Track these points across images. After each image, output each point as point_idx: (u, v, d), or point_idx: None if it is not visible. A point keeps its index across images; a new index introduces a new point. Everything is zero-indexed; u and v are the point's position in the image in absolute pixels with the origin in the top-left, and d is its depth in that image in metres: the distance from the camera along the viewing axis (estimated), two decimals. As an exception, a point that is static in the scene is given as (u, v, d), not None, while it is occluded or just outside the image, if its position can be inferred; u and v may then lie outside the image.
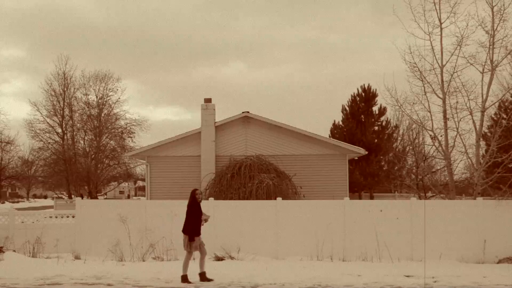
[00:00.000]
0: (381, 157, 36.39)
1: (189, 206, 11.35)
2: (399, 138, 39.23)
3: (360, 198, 33.82)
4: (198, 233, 11.16)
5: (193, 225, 11.12)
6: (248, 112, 22.17)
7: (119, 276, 11.53)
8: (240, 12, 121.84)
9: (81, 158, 49.82)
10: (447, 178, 19.74)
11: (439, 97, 18.71)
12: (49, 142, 51.52)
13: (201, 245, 11.23)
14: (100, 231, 15.40)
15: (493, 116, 24.76)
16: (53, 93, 51.20)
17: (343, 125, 37.22)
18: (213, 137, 21.86)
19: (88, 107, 50.78)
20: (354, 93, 37.70)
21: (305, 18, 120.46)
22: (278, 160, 21.22)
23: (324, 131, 46.76)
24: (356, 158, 27.25)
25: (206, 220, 11.44)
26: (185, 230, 11.22)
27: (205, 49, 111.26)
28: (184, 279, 11.01)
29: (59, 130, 51.50)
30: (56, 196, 60.15)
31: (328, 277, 11.52)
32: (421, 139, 28.18)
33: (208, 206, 15.82)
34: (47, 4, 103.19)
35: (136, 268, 12.68)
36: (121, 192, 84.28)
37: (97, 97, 51.04)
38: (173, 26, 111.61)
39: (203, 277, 11.15)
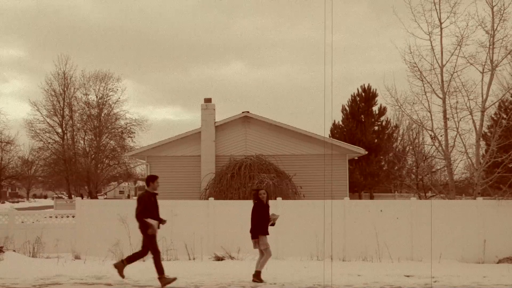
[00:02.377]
0: (381, 157, 36.40)
1: (255, 206, 11.10)
2: (399, 138, 39.24)
3: (360, 198, 33.82)
4: (265, 232, 10.89)
5: (258, 223, 10.90)
6: (248, 112, 22.18)
7: (119, 276, 11.51)
8: (240, 12, 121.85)
9: (81, 158, 49.88)
10: (447, 178, 19.75)
11: (439, 97, 18.73)
12: (49, 142, 51.64)
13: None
14: (100, 231, 15.40)
15: (493, 116, 24.77)
16: (53, 93, 51.34)
17: (343, 125, 37.24)
18: (213, 137, 21.86)
19: (88, 107, 50.86)
20: (354, 93, 37.73)
21: (305, 18, 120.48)
22: (278, 160, 21.22)
23: (324, 131, 46.74)
24: (356, 158, 27.26)
25: (275, 220, 11.12)
26: (251, 230, 10.98)
27: (205, 49, 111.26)
28: (258, 276, 10.83)
29: (59, 130, 51.58)
30: (56, 196, 60.19)
31: (328, 277, 11.51)
32: (421, 139, 28.17)
33: (208, 205, 15.86)
34: (47, 3, 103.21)
35: (136, 268, 12.65)
36: (121, 192, 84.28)
37: (97, 97, 51.15)
38: (173, 26, 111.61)
39: (257, 275, 10.88)
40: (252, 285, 10.70)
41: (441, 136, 18.99)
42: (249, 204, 16.03)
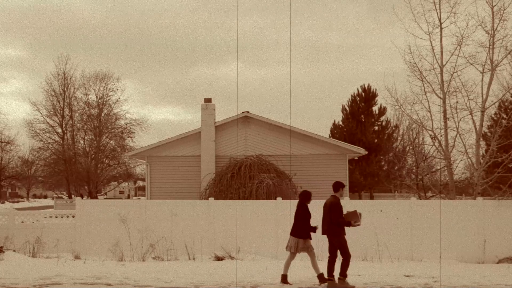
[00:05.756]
0: (381, 157, 36.39)
1: (299, 207, 10.85)
2: (399, 138, 39.21)
3: (360, 198, 33.82)
4: (309, 235, 10.70)
5: (303, 226, 10.66)
6: (248, 112, 22.17)
7: (119, 276, 11.53)
8: (240, 11, 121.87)
9: (81, 158, 49.85)
10: (447, 178, 19.74)
11: (439, 97, 18.72)
12: (49, 142, 51.60)
13: (310, 248, 10.75)
14: (100, 231, 15.41)
15: (493, 116, 24.77)
16: (53, 93, 51.30)
17: (343, 125, 37.25)
18: (213, 137, 21.86)
19: (88, 107, 50.81)
20: (354, 93, 37.75)
21: (305, 18, 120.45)
22: (278, 160, 21.21)
23: (324, 131, 46.83)
24: (356, 158, 27.26)
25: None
26: (294, 233, 10.73)
27: (204, 49, 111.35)
28: (284, 279, 10.69)
29: (59, 130, 51.55)
30: (56, 196, 60.20)
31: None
32: (421, 139, 28.15)
33: (208, 206, 15.86)
34: (46, 3, 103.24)
35: (136, 268, 12.68)
36: (121, 192, 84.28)
37: (97, 97, 51.10)
38: (173, 26, 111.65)
39: (322, 278, 10.67)
40: (252, 285, 10.71)
41: (441, 136, 18.99)
42: (249, 205, 16.16)
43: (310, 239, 10.73)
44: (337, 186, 10.87)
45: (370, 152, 30.53)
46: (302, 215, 10.73)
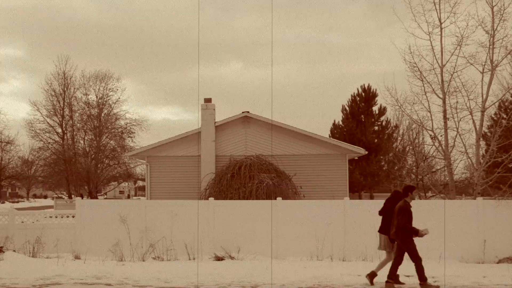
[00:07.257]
0: (381, 157, 36.42)
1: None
2: (399, 138, 39.26)
3: (360, 198, 33.84)
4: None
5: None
6: (248, 112, 22.17)
7: (119, 276, 11.53)
8: (240, 10, 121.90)
9: (81, 158, 49.90)
10: (447, 178, 19.74)
11: (439, 97, 18.72)
12: (49, 142, 51.66)
13: (391, 250, 10.74)
14: (100, 231, 15.41)
15: (493, 116, 24.78)
16: (53, 93, 51.39)
17: (343, 125, 37.27)
18: (213, 137, 21.86)
19: (88, 107, 50.87)
20: (354, 93, 37.79)
21: (304, 17, 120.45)
22: (278, 160, 21.21)
23: (324, 131, 46.83)
24: (356, 158, 27.27)
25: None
26: (385, 231, 10.82)
27: (204, 48, 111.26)
28: (395, 280, 10.65)
29: (59, 130, 51.61)
30: (56, 196, 60.23)
31: (328, 277, 11.52)
32: (421, 139, 28.23)
33: (208, 206, 15.85)
34: (46, 3, 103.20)
35: (136, 268, 12.68)
36: (121, 192, 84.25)
37: (97, 97, 51.16)
38: (173, 26, 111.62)
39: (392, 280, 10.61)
40: (252, 285, 10.71)
41: (441, 136, 18.99)
42: (249, 205, 16.15)
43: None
44: (406, 191, 10.67)
45: (370, 152, 30.55)
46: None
